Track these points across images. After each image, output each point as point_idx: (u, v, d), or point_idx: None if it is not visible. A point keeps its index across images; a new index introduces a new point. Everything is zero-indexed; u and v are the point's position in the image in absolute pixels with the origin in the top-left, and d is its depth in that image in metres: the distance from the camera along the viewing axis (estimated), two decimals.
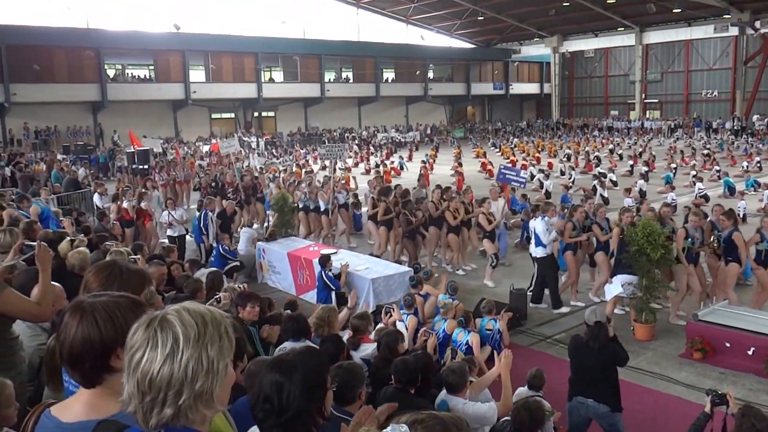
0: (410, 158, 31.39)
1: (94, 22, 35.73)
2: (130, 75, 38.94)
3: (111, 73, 37.66)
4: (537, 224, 9.19)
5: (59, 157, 26.52)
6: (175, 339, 1.37)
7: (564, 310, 9.07)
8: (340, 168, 21.58)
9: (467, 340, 6.79)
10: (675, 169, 22.95)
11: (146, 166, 20.91)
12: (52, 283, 3.84)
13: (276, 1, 42.11)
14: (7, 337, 3.43)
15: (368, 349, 5.43)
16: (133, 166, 21.06)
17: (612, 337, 5.04)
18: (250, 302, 5.44)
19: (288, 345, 4.90)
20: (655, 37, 47.72)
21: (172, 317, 1.41)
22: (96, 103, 36.16)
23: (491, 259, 10.49)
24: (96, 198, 13.98)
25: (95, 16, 35.77)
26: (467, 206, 11.37)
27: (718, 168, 22.96)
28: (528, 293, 9.37)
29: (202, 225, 11.65)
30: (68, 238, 6.42)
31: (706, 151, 28.52)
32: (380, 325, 6.48)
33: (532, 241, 9.42)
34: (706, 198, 17.62)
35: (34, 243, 3.70)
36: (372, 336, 5.75)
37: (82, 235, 7.95)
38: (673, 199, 16.66)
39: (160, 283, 6.54)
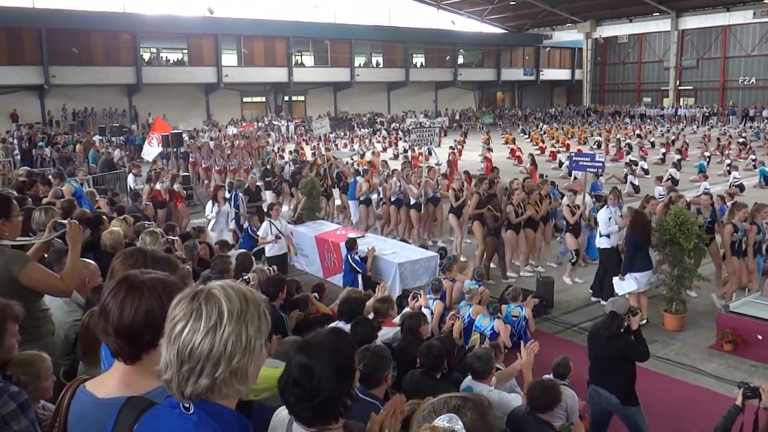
0: (438, 144, 31.20)
1: (131, 6, 36.31)
2: (164, 58, 39.51)
3: (146, 56, 38.29)
4: (600, 214, 8.89)
5: (95, 138, 27.07)
6: (220, 313, 1.41)
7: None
8: (371, 153, 21.57)
9: (492, 326, 6.82)
10: (709, 157, 22.46)
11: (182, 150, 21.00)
12: (88, 260, 3.94)
13: None
14: (34, 309, 3.48)
15: (389, 333, 5.44)
16: (180, 151, 21.02)
17: (634, 330, 4.90)
18: (281, 291, 5.69)
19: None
20: (692, 22, 46.31)
21: (218, 292, 1.44)
22: (131, 85, 36.86)
23: (571, 255, 9.90)
24: (130, 178, 14.27)
25: (132, 0, 36.30)
26: (547, 198, 10.58)
27: (754, 157, 22.36)
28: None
29: (235, 206, 11.83)
30: (123, 217, 6.60)
31: (741, 140, 27.74)
32: (406, 310, 6.51)
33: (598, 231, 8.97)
34: (741, 187, 17.21)
35: (65, 222, 3.79)
36: (396, 320, 5.79)
37: (116, 214, 8.15)
38: (706, 188, 16.30)
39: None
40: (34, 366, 2.75)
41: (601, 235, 8.85)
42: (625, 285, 7.87)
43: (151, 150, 19.45)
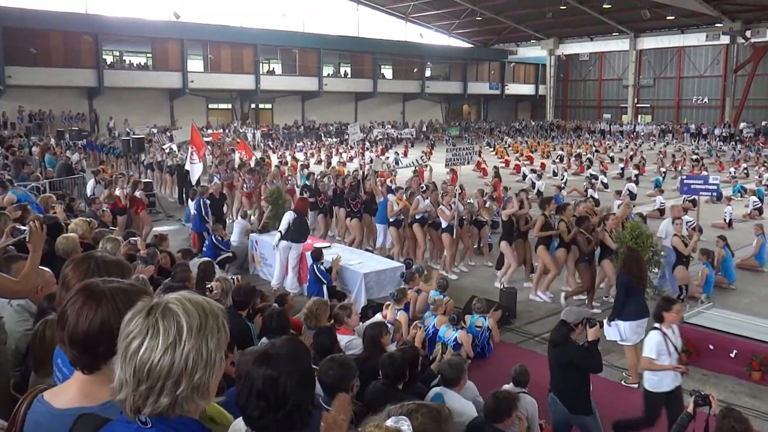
0: (405, 155, 31.42)
1: (93, 7, 35.44)
2: (127, 62, 38.71)
3: (108, 59, 37.45)
4: None
5: (52, 141, 26.28)
6: (179, 329, 1.36)
7: None
8: (339, 161, 21.47)
9: (455, 337, 6.87)
10: (665, 173, 23.27)
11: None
12: (44, 268, 3.82)
13: None
14: None
15: (343, 340, 5.41)
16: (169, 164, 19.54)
17: (590, 341, 4.88)
18: (250, 300, 5.69)
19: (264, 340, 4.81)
20: (649, 42, 48.25)
21: (175, 306, 1.39)
22: (92, 89, 35.94)
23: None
24: (90, 184, 13.87)
25: (94, 1, 35.47)
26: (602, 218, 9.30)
27: (705, 173, 23.22)
28: None
29: (204, 213, 11.58)
30: (88, 220, 6.43)
31: (695, 157, 28.84)
32: (378, 316, 6.50)
33: None
34: (694, 202, 17.81)
35: (24, 227, 3.67)
36: (355, 329, 5.76)
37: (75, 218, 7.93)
38: (662, 203, 16.88)
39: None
40: None
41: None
42: (611, 332, 6.65)
43: (196, 169, 14.32)
